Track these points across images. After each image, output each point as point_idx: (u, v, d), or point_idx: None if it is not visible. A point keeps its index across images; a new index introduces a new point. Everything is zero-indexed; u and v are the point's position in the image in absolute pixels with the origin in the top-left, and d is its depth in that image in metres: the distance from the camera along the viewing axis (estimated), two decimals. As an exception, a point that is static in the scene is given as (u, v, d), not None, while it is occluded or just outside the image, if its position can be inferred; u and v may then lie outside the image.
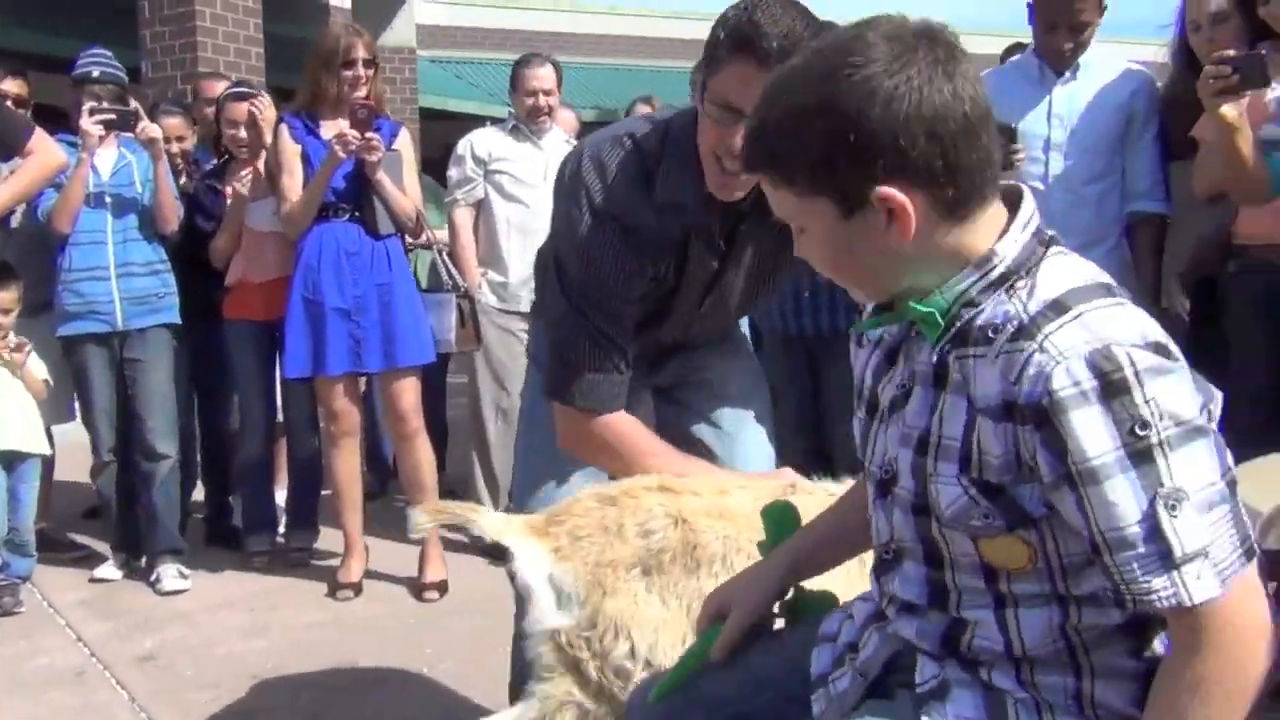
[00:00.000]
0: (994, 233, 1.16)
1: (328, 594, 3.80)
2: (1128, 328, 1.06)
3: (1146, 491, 1.02)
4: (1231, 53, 2.53)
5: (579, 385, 1.97)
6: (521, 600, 1.84)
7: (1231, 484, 1.06)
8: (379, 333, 3.71)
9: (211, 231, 4.03)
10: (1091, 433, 1.03)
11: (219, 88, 4.33)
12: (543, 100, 4.25)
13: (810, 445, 3.27)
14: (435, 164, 5.64)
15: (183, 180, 4.14)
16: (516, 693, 2.10)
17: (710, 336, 2.25)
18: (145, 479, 3.89)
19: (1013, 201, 1.21)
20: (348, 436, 3.82)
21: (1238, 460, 1.07)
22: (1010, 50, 4.09)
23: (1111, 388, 1.03)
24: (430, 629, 3.45)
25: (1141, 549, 1.03)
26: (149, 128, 3.77)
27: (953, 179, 1.11)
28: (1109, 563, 1.05)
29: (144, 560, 3.98)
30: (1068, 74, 3.21)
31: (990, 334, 1.11)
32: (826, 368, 3.67)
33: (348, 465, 3.84)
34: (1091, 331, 1.05)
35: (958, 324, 1.14)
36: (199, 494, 4.49)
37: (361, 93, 3.65)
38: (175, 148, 4.13)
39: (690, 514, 1.80)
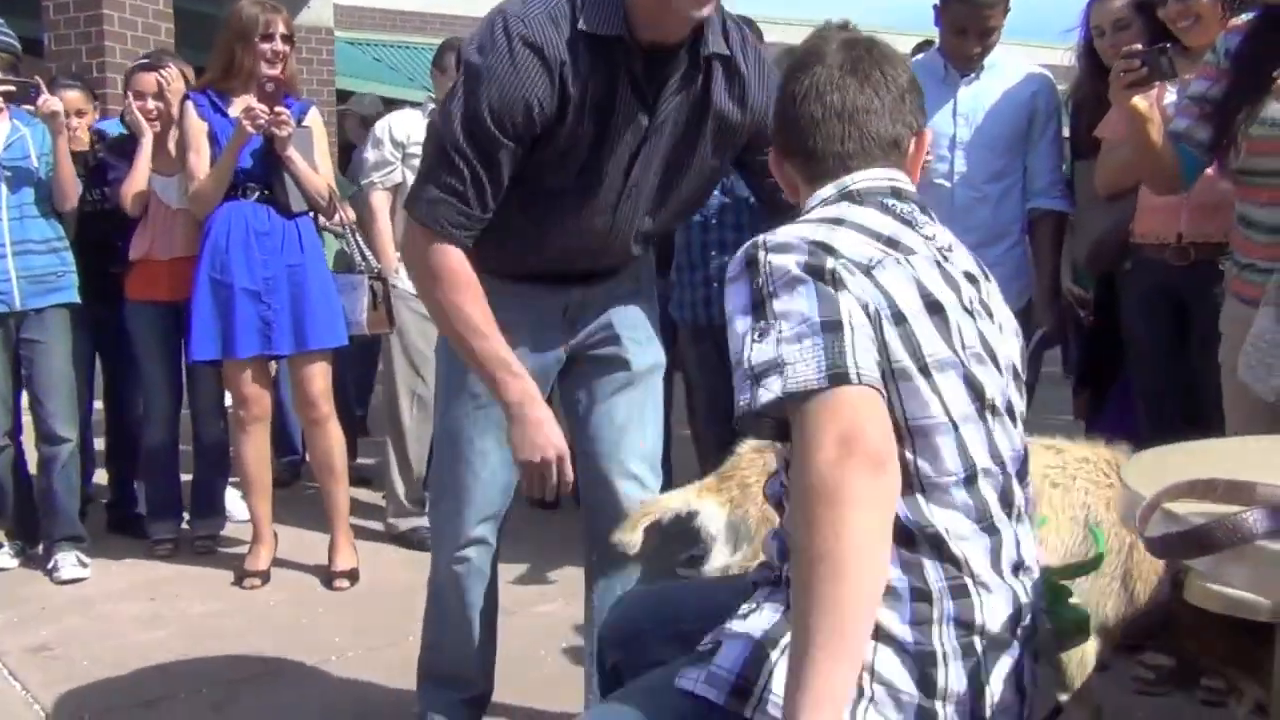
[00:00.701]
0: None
1: (234, 583, 3.73)
2: (783, 233, 1.35)
3: (751, 329, 1.29)
4: (1139, 47, 2.62)
5: (425, 195, 1.94)
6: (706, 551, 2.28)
7: (832, 324, 1.26)
8: (289, 315, 3.64)
9: (114, 207, 3.91)
10: (733, 295, 1.34)
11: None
12: None
13: (722, 434, 3.30)
14: (351, 148, 5.55)
15: (84, 150, 4.01)
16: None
17: (626, 255, 2.17)
18: (44, 464, 3.78)
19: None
20: (257, 422, 3.75)
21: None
22: (918, 48, 4.16)
23: (750, 262, 1.33)
24: (339, 618, 3.41)
25: (739, 370, 1.29)
26: (50, 101, 3.64)
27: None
28: None
29: (41, 548, 3.86)
30: (972, 74, 3.29)
31: None
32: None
33: (256, 451, 3.77)
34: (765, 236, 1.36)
35: None
36: (101, 480, 4.37)
37: (277, 69, 3.57)
38: (75, 122, 4.00)
39: None
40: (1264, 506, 1.10)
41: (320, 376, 3.73)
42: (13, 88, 3.58)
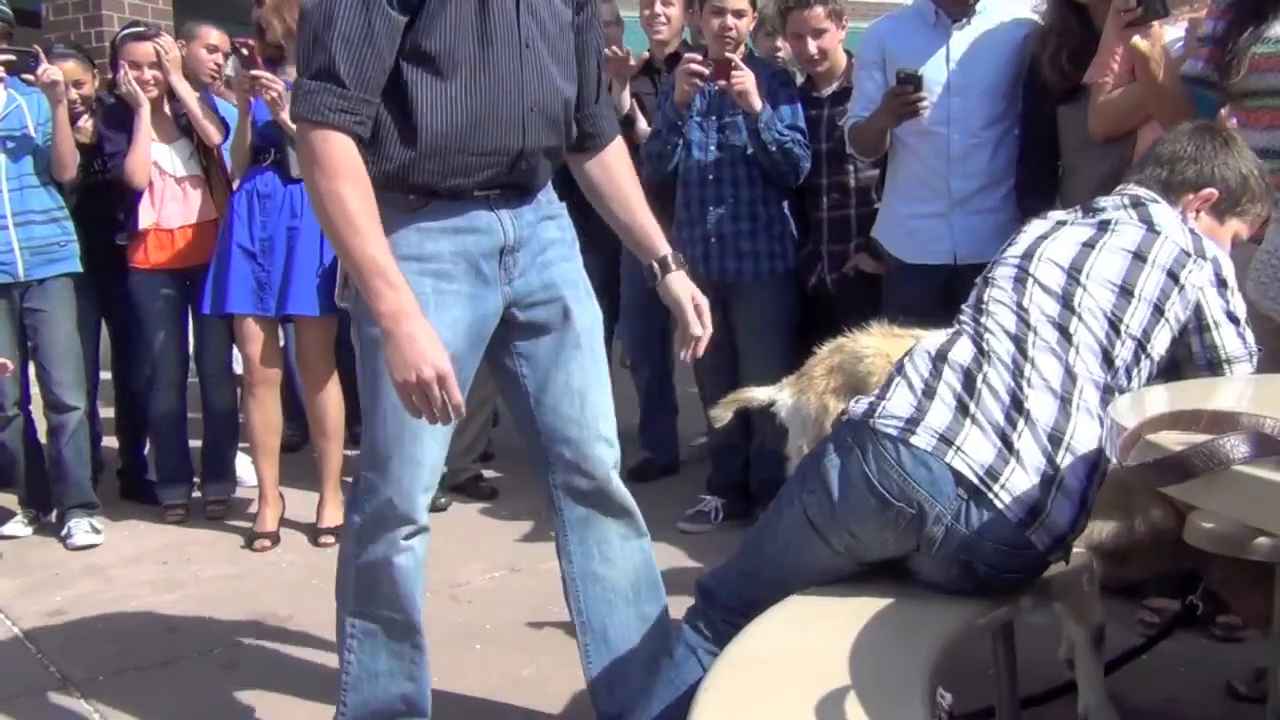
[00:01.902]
0: None
1: (244, 546, 3.77)
2: None
3: None
4: None
5: (301, 89, 1.85)
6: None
7: None
8: (280, 276, 3.69)
9: (116, 178, 3.91)
10: None
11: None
12: None
13: (727, 385, 3.31)
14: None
15: (83, 122, 4.00)
16: None
17: (539, 160, 2.07)
18: (53, 432, 3.81)
19: None
20: (264, 385, 3.78)
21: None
22: None
23: None
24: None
25: None
26: (50, 70, 3.63)
27: None
28: None
29: (54, 515, 3.90)
30: (964, 19, 3.26)
31: None
32: (737, 311, 3.72)
33: (264, 415, 3.80)
34: None
35: None
36: (112, 446, 4.41)
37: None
38: (74, 93, 3.98)
39: (892, 349, 2.40)
40: (1243, 433, 1.10)
41: (319, 338, 3.76)
42: (12, 57, 3.57)
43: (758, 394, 2.74)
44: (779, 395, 2.70)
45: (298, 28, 1.89)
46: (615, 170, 2.24)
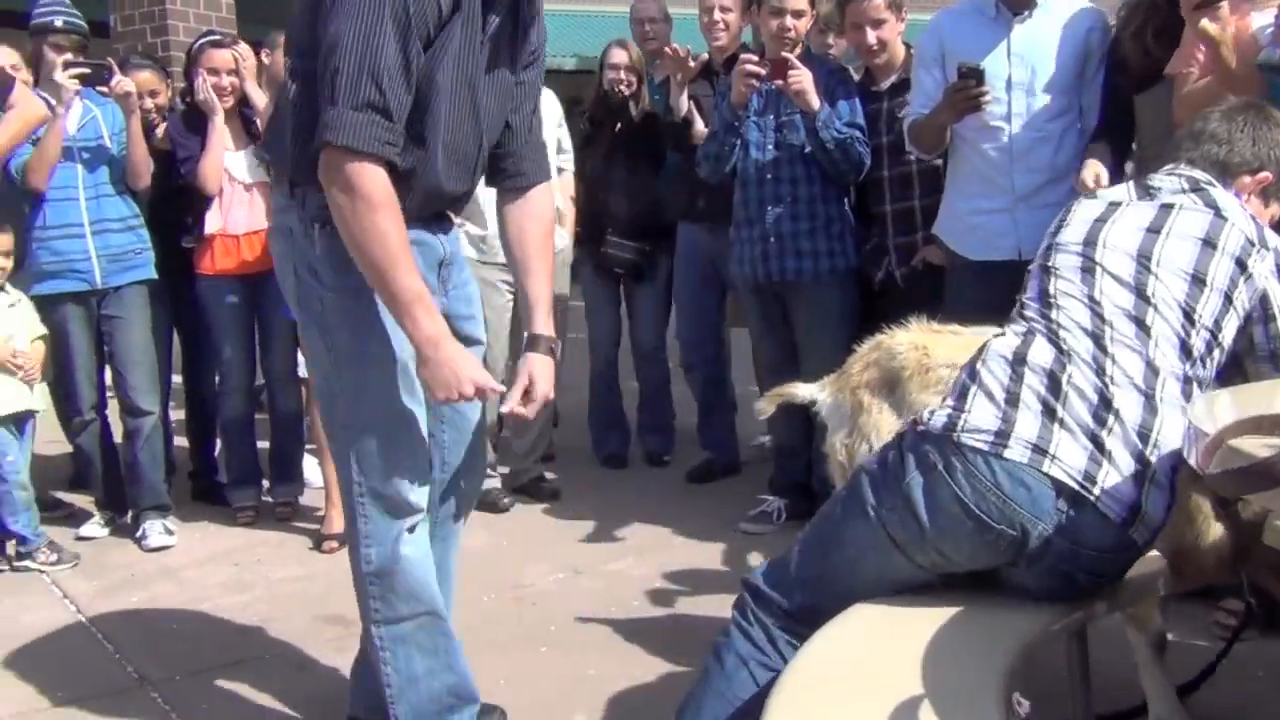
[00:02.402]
0: None
1: (313, 547, 3.83)
2: None
3: None
4: None
5: (346, 121, 1.86)
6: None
7: None
8: None
9: (189, 182, 3.98)
10: None
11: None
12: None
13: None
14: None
15: (158, 133, 4.08)
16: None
17: (473, 183, 2.18)
18: (129, 436, 3.91)
19: None
20: None
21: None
22: None
23: None
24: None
25: None
26: (123, 82, 3.72)
27: None
28: None
29: (129, 517, 4.00)
30: (1025, 13, 3.21)
31: None
32: (796, 310, 3.71)
33: None
34: None
35: None
36: (184, 445, 4.50)
37: None
38: (148, 102, 4.07)
39: (929, 343, 2.48)
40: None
41: None
42: (87, 70, 3.66)
43: (800, 391, 2.78)
44: (819, 394, 2.73)
45: (325, 54, 1.88)
46: (527, 233, 2.27)
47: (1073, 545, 1.69)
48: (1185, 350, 1.81)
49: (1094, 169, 2.98)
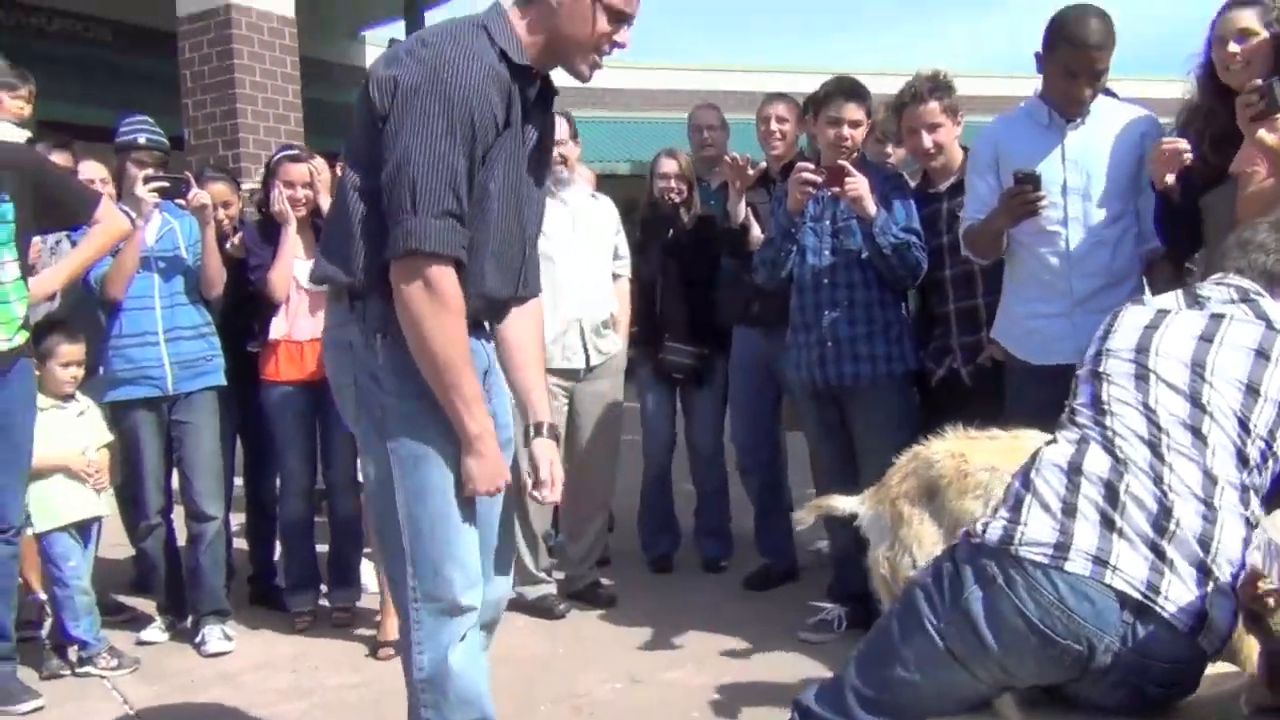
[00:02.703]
0: None
1: (368, 654, 3.81)
2: None
3: None
4: (1259, 81, 2.61)
5: (429, 229, 1.97)
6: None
7: None
8: None
9: (258, 291, 4.09)
10: None
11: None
12: (554, 152, 4.27)
13: (845, 488, 3.27)
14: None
15: (229, 244, 4.21)
16: None
17: (520, 293, 2.28)
18: (192, 541, 3.95)
19: None
20: None
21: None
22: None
23: None
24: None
25: None
26: (200, 195, 3.87)
27: None
28: None
29: (189, 621, 4.02)
30: (1079, 119, 3.24)
31: None
32: (854, 415, 3.70)
33: None
34: None
35: None
36: (242, 547, 4.53)
37: None
38: (221, 213, 4.21)
39: (966, 449, 2.51)
40: None
41: None
42: (166, 184, 3.81)
43: (839, 504, 2.80)
44: (859, 507, 2.75)
45: (397, 168, 1.99)
46: (528, 333, 2.38)
47: (1141, 657, 1.67)
48: (1242, 459, 1.80)
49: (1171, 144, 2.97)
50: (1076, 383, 2.00)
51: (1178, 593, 1.67)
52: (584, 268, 4.25)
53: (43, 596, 3.87)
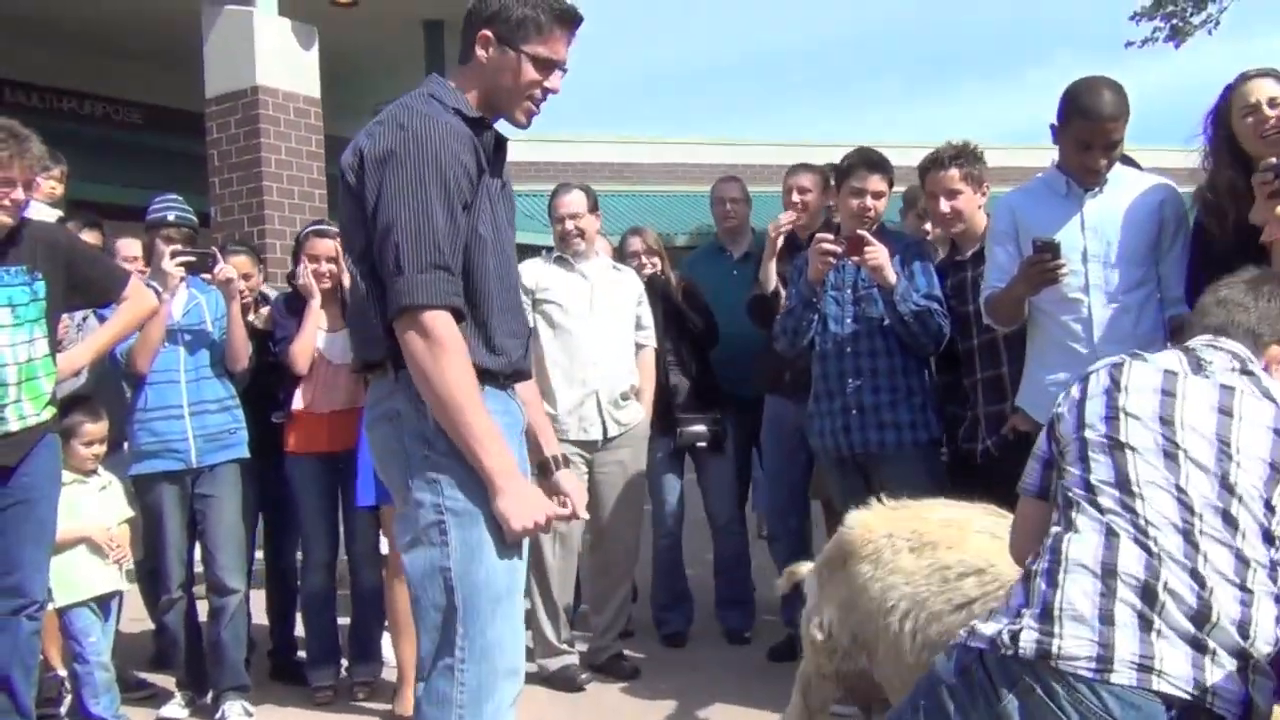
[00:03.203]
0: None
1: (390, 728, 3.77)
2: None
3: None
4: (1275, 160, 2.62)
5: (418, 284, 2.04)
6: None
7: None
8: None
9: (280, 360, 4.12)
10: None
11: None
12: (570, 225, 4.32)
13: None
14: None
15: (250, 317, 4.26)
16: None
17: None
18: (214, 615, 3.93)
19: None
20: None
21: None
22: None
23: None
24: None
25: None
26: (225, 269, 3.93)
27: None
28: None
29: (209, 697, 3.98)
30: (1096, 188, 3.26)
31: None
32: (880, 482, 3.67)
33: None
34: None
35: None
36: (261, 621, 4.50)
37: None
38: (242, 284, 4.26)
39: (874, 519, 2.71)
40: None
41: None
42: (193, 258, 3.88)
43: (802, 570, 2.93)
44: (807, 577, 2.89)
45: (381, 238, 2.08)
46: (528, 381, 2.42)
47: None
48: (1269, 538, 1.78)
49: None
50: (1085, 447, 1.92)
51: (1222, 684, 1.65)
52: (602, 340, 4.27)
53: (63, 673, 3.87)
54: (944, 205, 3.71)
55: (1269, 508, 1.80)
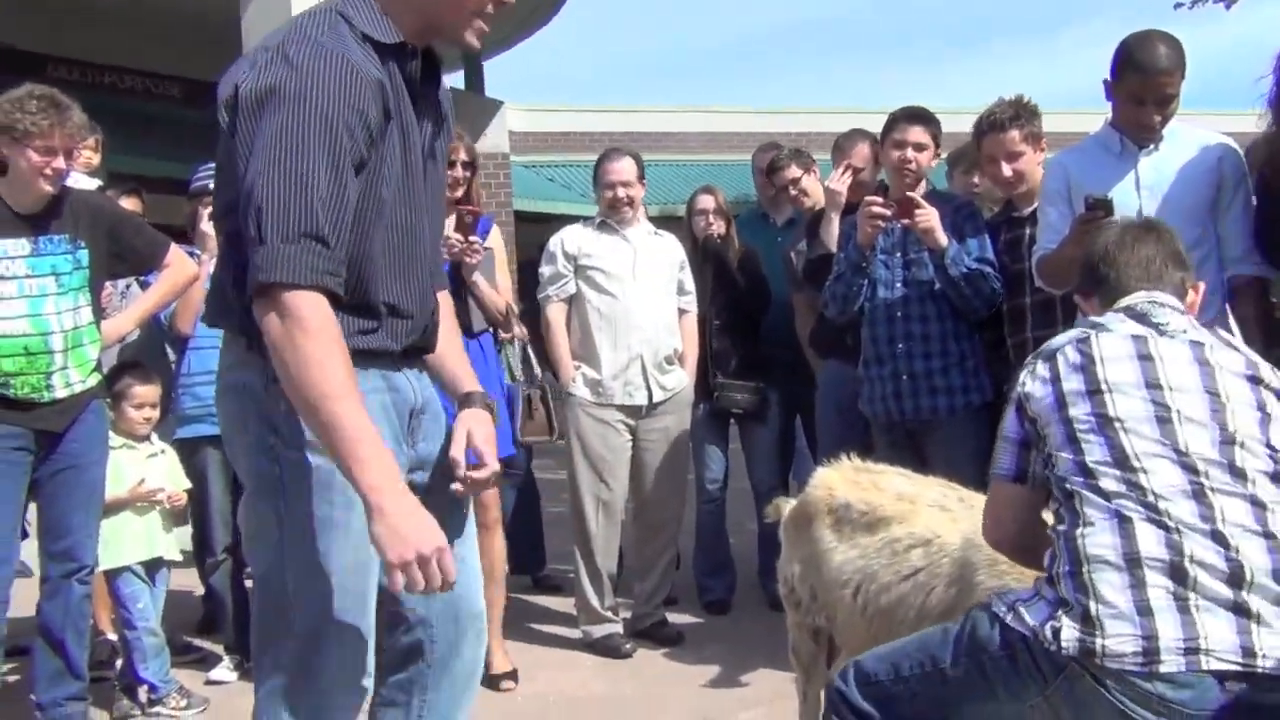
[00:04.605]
0: None
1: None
2: None
3: None
4: None
5: (281, 255, 1.65)
6: None
7: None
8: None
9: None
10: None
11: None
12: (621, 192, 4.26)
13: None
14: (531, 265, 5.74)
15: None
16: None
17: (435, 312, 2.00)
18: (258, 579, 3.95)
19: None
20: (498, 526, 3.84)
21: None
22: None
23: None
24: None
25: None
26: None
27: None
28: None
29: (257, 661, 4.01)
30: (1151, 145, 3.17)
31: None
32: (928, 448, 3.62)
33: (498, 550, 3.82)
34: None
35: None
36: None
37: (459, 193, 3.75)
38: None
39: (835, 482, 2.73)
40: None
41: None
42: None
43: (785, 507, 2.96)
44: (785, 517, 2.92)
45: (246, 194, 1.70)
46: (444, 329, 2.07)
47: (1249, 713, 1.62)
48: (1275, 478, 1.76)
49: None
50: (1071, 427, 1.84)
51: (1270, 643, 1.62)
52: (646, 304, 4.24)
53: (113, 637, 3.91)
54: (1006, 170, 3.62)
55: (1271, 448, 1.78)
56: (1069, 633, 1.68)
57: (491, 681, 3.75)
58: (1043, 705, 1.72)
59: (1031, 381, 1.94)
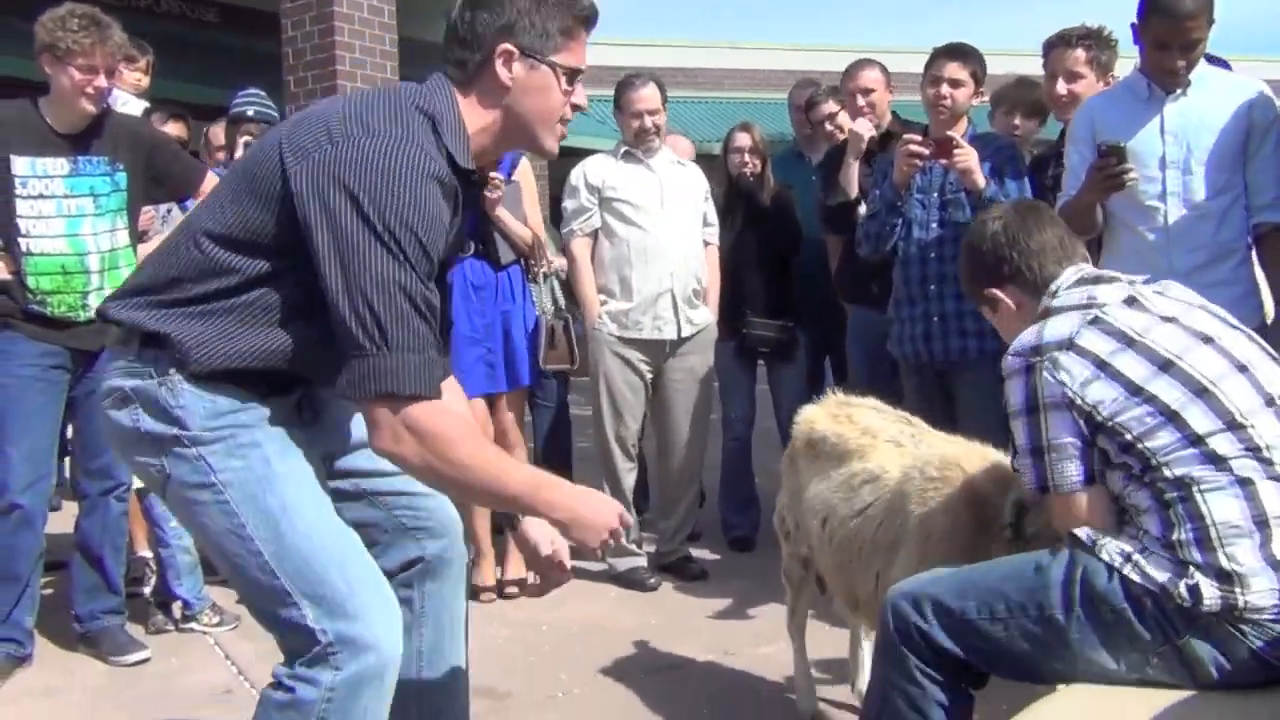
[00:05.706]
0: None
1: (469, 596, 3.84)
2: None
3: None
4: None
5: (406, 368, 1.67)
6: None
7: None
8: (503, 355, 3.94)
9: None
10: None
11: None
12: (648, 121, 4.19)
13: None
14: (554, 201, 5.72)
15: None
16: None
17: None
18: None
19: None
20: (518, 448, 4.07)
21: None
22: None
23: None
24: (564, 656, 3.45)
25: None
26: None
27: None
28: None
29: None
30: (1178, 90, 3.09)
31: None
32: (958, 390, 3.61)
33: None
34: None
35: None
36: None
37: None
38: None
39: (817, 419, 2.82)
40: None
41: (518, 405, 4.06)
42: None
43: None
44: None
45: (345, 295, 1.68)
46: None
47: None
48: None
49: None
50: (1159, 407, 1.82)
51: None
52: (674, 236, 4.20)
53: (148, 555, 3.99)
54: (1061, 87, 3.56)
55: None
56: (1209, 590, 1.73)
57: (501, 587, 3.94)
58: (1169, 653, 1.77)
59: (1072, 383, 1.86)
